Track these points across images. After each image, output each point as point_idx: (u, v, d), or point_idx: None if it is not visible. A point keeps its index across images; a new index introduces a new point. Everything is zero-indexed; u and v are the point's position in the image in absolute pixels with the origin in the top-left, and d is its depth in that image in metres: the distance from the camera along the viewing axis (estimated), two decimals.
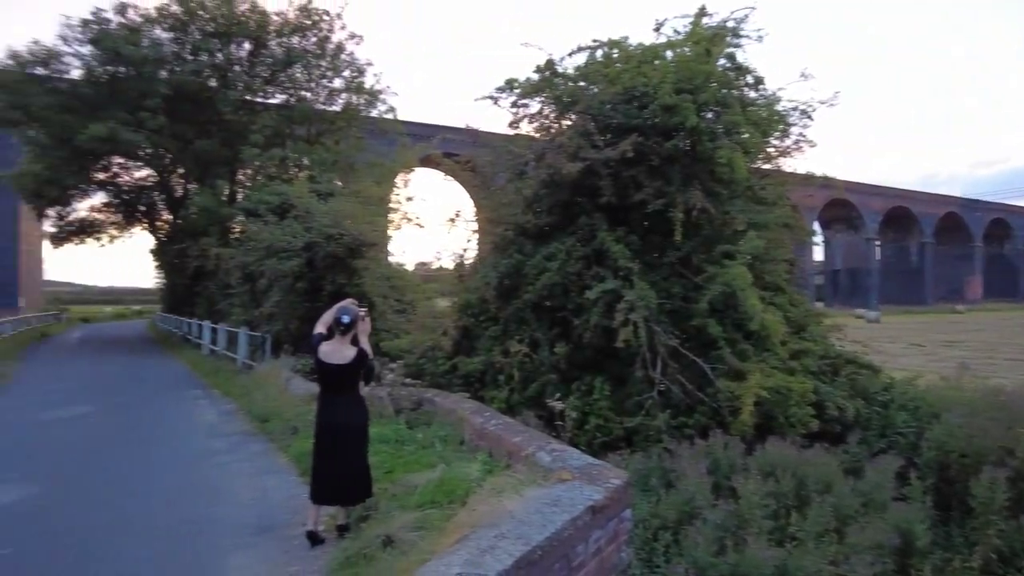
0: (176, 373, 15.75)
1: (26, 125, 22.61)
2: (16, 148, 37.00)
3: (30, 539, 4.68)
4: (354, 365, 4.55)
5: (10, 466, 6.79)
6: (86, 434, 8.57)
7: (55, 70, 22.63)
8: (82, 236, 27.79)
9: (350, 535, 4.43)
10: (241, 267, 14.36)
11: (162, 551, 4.49)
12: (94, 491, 5.95)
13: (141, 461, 7.10)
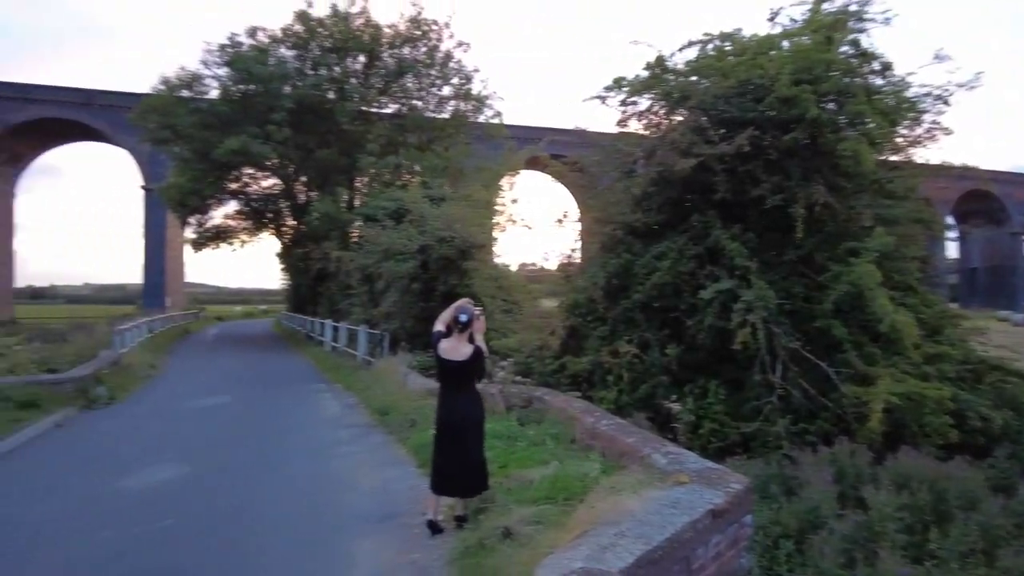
0: (301, 368, 16.90)
1: (174, 143, 25.06)
2: (164, 164, 41.11)
3: (187, 512, 5.21)
4: (471, 362, 4.72)
5: (167, 447, 7.58)
6: (227, 421, 9.40)
7: (197, 92, 24.96)
8: (218, 241, 30.28)
9: (468, 526, 4.60)
10: (361, 269, 15.18)
11: (296, 532, 4.86)
12: (237, 473, 6.53)
13: (275, 448, 7.69)
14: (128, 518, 5.06)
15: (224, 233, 29.67)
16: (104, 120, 43.65)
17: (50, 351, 14.09)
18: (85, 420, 9.40)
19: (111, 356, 13.66)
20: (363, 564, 4.23)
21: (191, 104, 24.73)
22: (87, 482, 6.16)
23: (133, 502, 5.50)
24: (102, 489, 5.88)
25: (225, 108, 24.36)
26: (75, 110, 43.96)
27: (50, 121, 44.37)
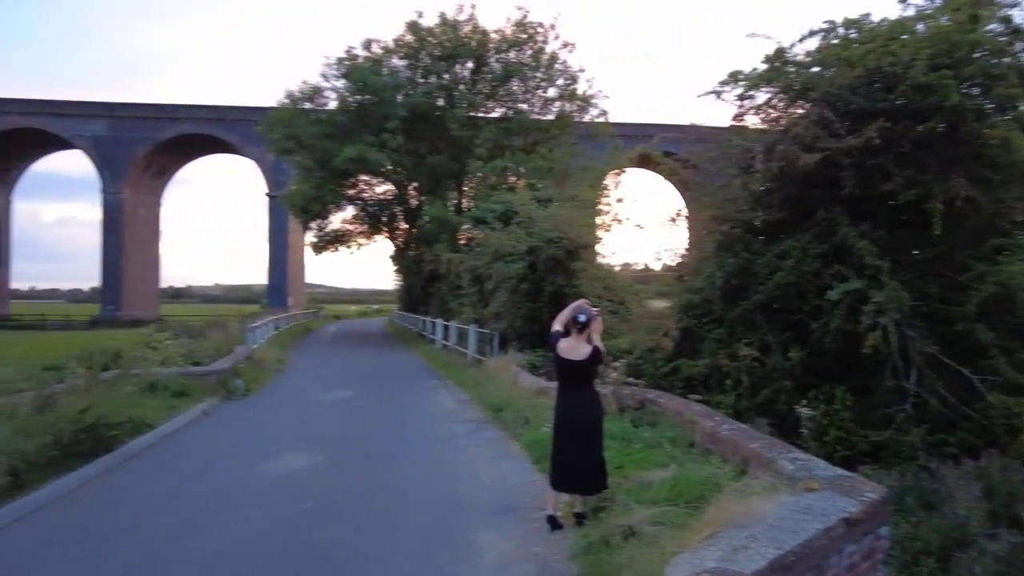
0: (415, 365, 17.62)
1: (296, 152, 26.86)
2: (287, 173, 44.05)
3: (323, 497, 5.61)
4: (590, 361, 4.79)
5: (300, 436, 8.18)
6: (351, 413, 10.01)
7: (318, 104, 26.66)
8: (336, 245, 32.09)
9: (588, 524, 4.67)
10: (471, 270, 15.64)
11: (424, 518, 5.12)
12: (365, 462, 6.95)
13: (398, 439, 8.11)
14: (272, 500, 5.53)
15: (342, 237, 31.40)
16: (235, 133, 47.39)
17: (193, 346, 15.50)
18: (226, 409, 10.30)
19: (245, 351, 14.85)
20: (488, 553, 4.39)
21: (312, 116, 26.41)
22: (234, 465, 6.78)
23: (275, 485, 5.99)
24: (247, 472, 6.45)
25: (343, 118, 25.81)
26: (210, 125, 48.03)
27: (190, 136, 48.76)
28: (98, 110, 47.54)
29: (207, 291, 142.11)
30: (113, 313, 46.43)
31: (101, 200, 47.45)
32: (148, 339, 15.19)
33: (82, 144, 47.35)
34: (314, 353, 21.57)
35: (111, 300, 47.75)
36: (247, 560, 4.23)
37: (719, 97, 8.86)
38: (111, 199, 47.29)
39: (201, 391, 10.57)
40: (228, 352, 14.40)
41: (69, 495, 5.60)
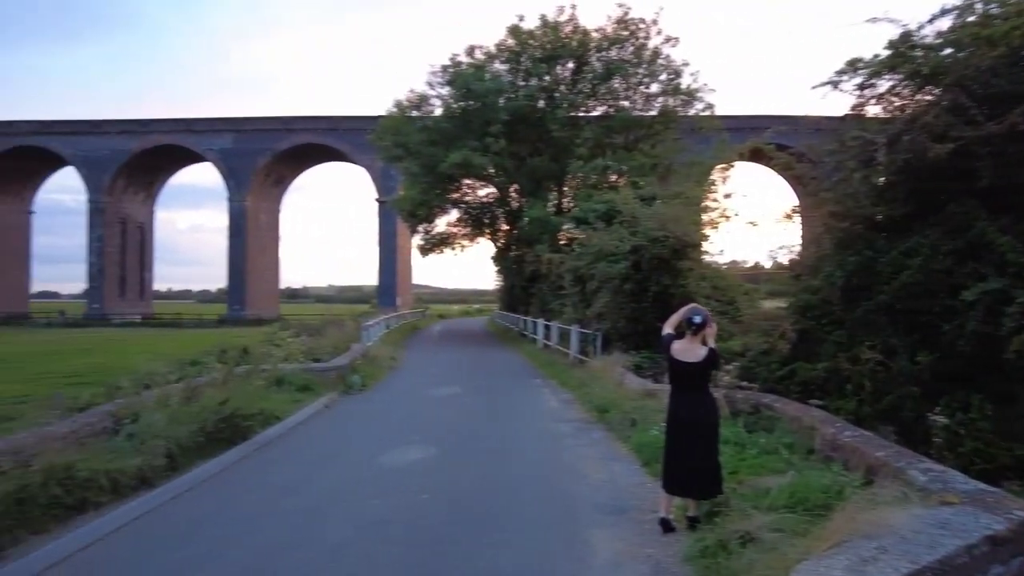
0: (517, 364, 17.90)
1: (405, 159, 27.97)
2: (395, 179, 45.86)
3: (438, 489, 5.86)
4: (705, 363, 4.73)
5: (414, 430, 8.56)
6: (461, 409, 10.34)
7: (425, 111, 27.63)
8: (442, 247, 33.10)
9: (701, 527, 4.61)
10: (573, 270, 15.68)
11: (536, 514, 5.24)
12: (475, 457, 7.18)
13: (504, 436, 8.31)
14: (391, 490, 5.84)
15: (447, 239, 32.34)
16: (347, 142, 49.94)
17: (313, 343, 16.53)
18: (345, 403, 10.95)
19: (361, 349, 15.67)
20: (600, 551, 4.44)
21: (419, 123, 27.40)
22: (355, 456, 7.23)
23: (394, 476, 6.32)
24: (368, 463, 6.85)
25: (447, 124, 26.59)
26: (324, 135, 50.90)
27: (305, 146, 51.91)
28: (225, 125, 51.64)
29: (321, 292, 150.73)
30: (238, 312, 50.23)
31: (228, 208, 51.46)
32: (271, 337, 16.36)
33: (212, 157, 51.62)
34: (422, 351, 22.37)
35: (236, 300, 51.67)
36: (373, 546, 4.51)
37: (836, 87, 8.40)
38: (236, 207, 51.20)
39: (322, 386, 11.27)
40: (345, 349, 15.24)
41: (214, 478, 6.19)
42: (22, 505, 4.47)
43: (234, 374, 9.01)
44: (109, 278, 53.40)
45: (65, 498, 4.80)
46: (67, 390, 10.69)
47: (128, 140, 52.33)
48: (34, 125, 53.63)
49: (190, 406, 7.01)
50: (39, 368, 18.94)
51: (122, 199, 54.74)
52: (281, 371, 10.77)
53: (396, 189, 43.84)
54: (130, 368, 14.45)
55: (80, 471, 5.02)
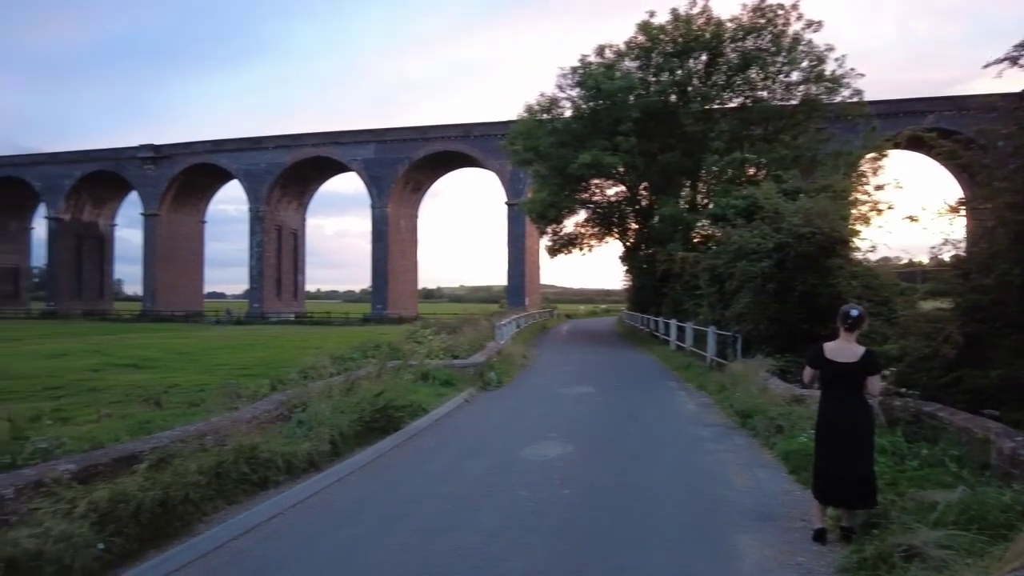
0: (649, 365, 17.64)
1: (535, 162, 28.42)
2: (523, 182, 46.72)
3: (580, 485, 5.98)
4: (862, 364, 4.47)
5: (551, 427, 8.74)
6: (595, 409, 10.41)
7: (555, 114, 27.91)
8: (570, 247, 33.26)
9: (857, 539, 4.37)
10: (710, 270, 15.18)
11: (678, 515, 5.20)
12: (612, 456, 7.21)
13: (641, 437, 8.27)
14: (535, 483, 6.02)
15: (575, 239, 32.45)
16: (478, 148, 51.60)
17: (451, 341, 17.28)
18: (484, 398, 11.38)
19: (495, 347, 16.17)
20: (747, 557, 4.34)
21: (549, 126, 27.72)
22: (499, 448, 7.50)
23: (536, 470, 6.51)
24: (511, 456, 7.10)
25: (577, 125, 26.71)
26: (457, 142, 52.90)
27: (440, 154, 54.23)
28: (368, 137, 55.17)
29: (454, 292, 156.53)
30: (381, 311, 53.41)
31: (371, 214, 54.89)
32: (413, 334, 17.30)
33: (356, 167, 55.35)
34: (553, 350, 22.64)
35: (379, 300, 54.97)
36: (521, 534, 4.70)
37: (1016, 63, 7.56)
38: (378, 213, 54.49)
39: (462, 381, 11.79)
40: (480, 347, 15.80)
41: (372, 463, 6.70)
42: (219, 478, 5.12)
43: (387, 368, 9.67)
44: (267, 280, 58.84)
45: (251, 475, 5.43)
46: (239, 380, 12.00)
47: (283, 154, 57.43)
48: (206, 145, 60.33)
49: (350, 397, 7.63)
50: (213, 361, 21.33)
51: (278, 208, 60.12)
52: (426, 366, 11.39)
53: (525, 192, 44.67)
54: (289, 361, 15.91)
55: (262, 452, 5.65)
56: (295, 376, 8.90)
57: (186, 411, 9.55)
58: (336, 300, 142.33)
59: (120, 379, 16.45)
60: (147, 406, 11.03)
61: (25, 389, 14.55)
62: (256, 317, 56.26)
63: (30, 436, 5.72)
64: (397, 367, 10.37)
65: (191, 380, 15.73)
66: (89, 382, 15.82)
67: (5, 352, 24.74)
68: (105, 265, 71.95)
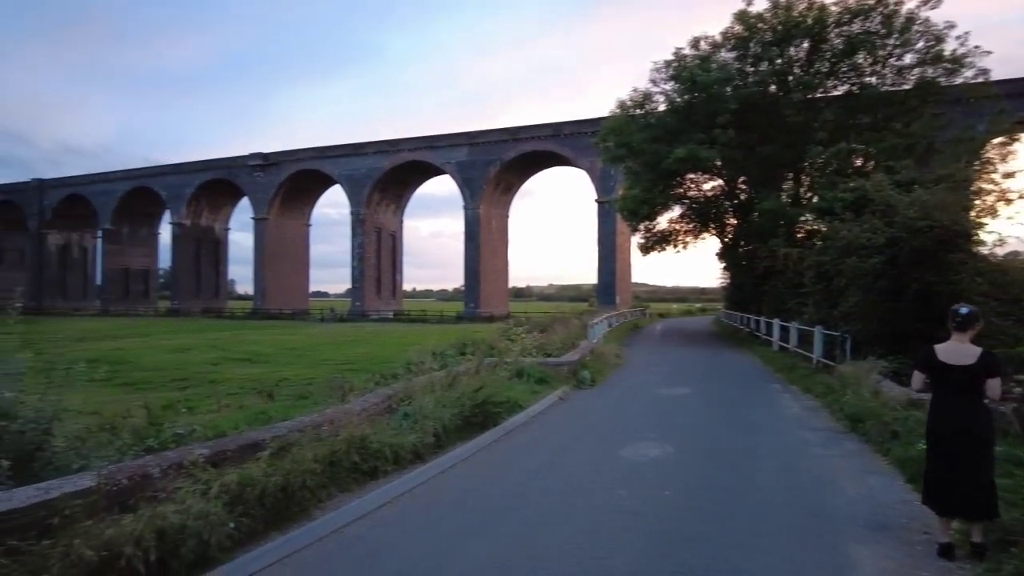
0: (750, 366, 17.02)
1: (627, 158, 28.04)
2: (614, 179, 46.24)
3: (681, 487, 5.89)
4: (980, 366, 4.17)
5: (647, 427, 8.66)
6: (693, 410, 10.19)
7: (648, 109, 27.39)
8: (663, 245, 32.55)
9: (991, 556, 4.08)
10: (815, 266, 14.46)
11: (786, 521, 5.03)
12: (714, 458, 7.05)
13: (742, 439, 8.02)
14: (633, 483, 6.01)
15: (669, 237, 31.75)
16: (568, 147, 51.54)
17: (543, 339, 17.40)
18: (578, 397, 11.40)
19: (588, 346, 16.14)
20: (863, 569, 4.15)
21: (641, 121, 27.28)
22: (595, 447, 7.53)
23: (634, 470, 6.48)
24: (608, 455, 7.10)
25: (671, 120, 26.13)
26: (547, 142, 53.05)
27: (530, 154, 54.56)
28: (461, 140, 56.36)
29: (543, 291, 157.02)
30: (473, 310, 54.46)
31: (463, 215, 56.04)
32: (506, 332, 17.54)
33: (449, 169, 56.68)
34: (646, 350, 22.31)
35: (471, 299, 56.05)
36: (621, 532, 4.72)
37: None
38: (471, 214, 55.55)
39: (556, 379, 11.87)
40: (572, 346, 15.83)
41: (473, 457, 6.91)
42: (333, 467, 5.45)
43: (484, 365, 9.91)
44: (367, 279, 61.35)
45: (362, 464, 5.74)
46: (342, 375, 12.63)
47: (381, 159, 59.69)
48: (310, 152, 63.63)
49: (451, 392, 7.89)
50: (319, 356, 22.50)
51: (377, 210, 62.53)
52: (520, 364, 11.56)
53: (616, 189, 44.20)
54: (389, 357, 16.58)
55: (372, 443, 5.96)
56: (400, 371, 9.29)
57: (295, 403, 10.21)
58: (431, 299, 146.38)
59: (236, 372, 17.71)
60: (261, 398, 11.87)
61: (156, 380, 15.98)
62: (357, 315, 58.77)
63: (164, 423, 6.33)
64: (493, 364, 10.59)
65: (300, 374, 16.71)
66: (209, 375, 17.14)
67: (139, 347, 27.21)
68: (220, 266, 77.44)
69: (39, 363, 5.09)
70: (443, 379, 8.20)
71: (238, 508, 4.32)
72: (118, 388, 14.17)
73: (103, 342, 29.61)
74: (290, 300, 66.16)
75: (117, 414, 6.51)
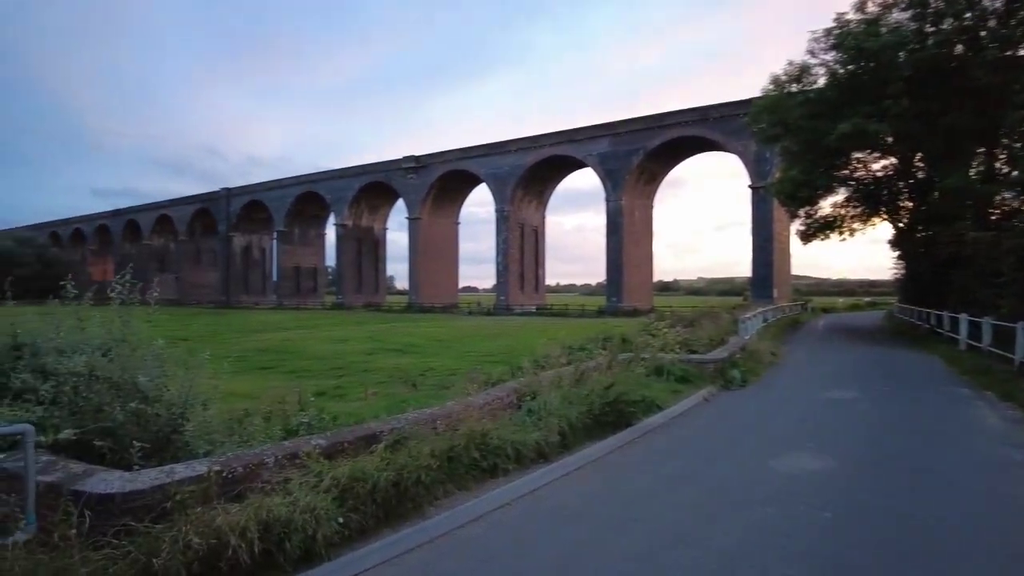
0: (930, 367, 14.82)
1: (783, 138, 25.78)
2: (769, 163, 43.10)
3: (845, 509, 5.01)
4: None
5: (805, 436, 7.64)
6: (860, 418, 8.89)
7: (806, 83, 24.97)
8: (826, 231, 29.60)
9: None
10: (1015, 251, 12.25)
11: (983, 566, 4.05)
12: (890, 476, 5.98)
13: (927, 456, 6.79)
14: (785, 500, 5.21)
15: (833, 222, 28.83)
16: (717, 131, 48.78)
17: (688, 335, 16.37)
18: (725, 398, 10.45)
19: (739, 342, 14.92)
20: None
21: (799, 97, 24.93)
22: (742, 456, 6.72)
23: (787, 485, 5.65)
24: (757, 466, 6.29)
25: (832, 93, 23.61)
26: (694, 127, 50.58)
27: (675, 141, 52.36)
28: (601, 132, 55.42)
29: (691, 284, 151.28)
30: (616, 304, 53.40)
31: (605, 208, 55.11)
32: (647, 327, 16.73)
33: (591, 162, 55.97)
34: (806, 348, 20.36)
35: (614, 293, 54.99)
36: (768, 559, 4.04)
37: None
38: (613, 206, 54.48)
39: (700, 378, 11.00)
40: (721, 342, 14.72)
41: (601, 459, 6.43)
42: (451, 463, 5.24)
43: (617, 360, 9.35)
44: (511, 275, 62.37)
45: (481, 461, 5.48)
46: (483, 366, 12.63)
47: (524, 155, 60.33)
48: (457, 153, 65.86)
49: (579, 388, 7.45)
50: (465, 348, 22.97)
51: (520, 207, 63.34)
52: (660, 360, 10.83)
53: (771, 173, 41.14)
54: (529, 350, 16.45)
55: (492, 439, 5.69)
56: (527, 365, 8.98)
57: (436, 393, 10.29)
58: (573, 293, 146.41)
59: (387, 362, 18.48)
60: (406, 388, 12.22)
61: (315, 369, 17.07)
62: (502, 309, 59.98)
63: (309, 409, 6.55)
64: (628, 360, 9.97)
65: (445, 365, 17.09)
66: (363, 364, 18.03)
67: (305, 338, 29.45)
68: (379, 263, 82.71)
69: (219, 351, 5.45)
70: (571, 374, 7.77)
71: (348, 502, 4.21)
72: (283, 375, 15.35)
73: (275, 333, 32.42)
74: (441, 295, 69.07)
75: (274, 400, 6.86)
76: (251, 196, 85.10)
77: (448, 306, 66.42)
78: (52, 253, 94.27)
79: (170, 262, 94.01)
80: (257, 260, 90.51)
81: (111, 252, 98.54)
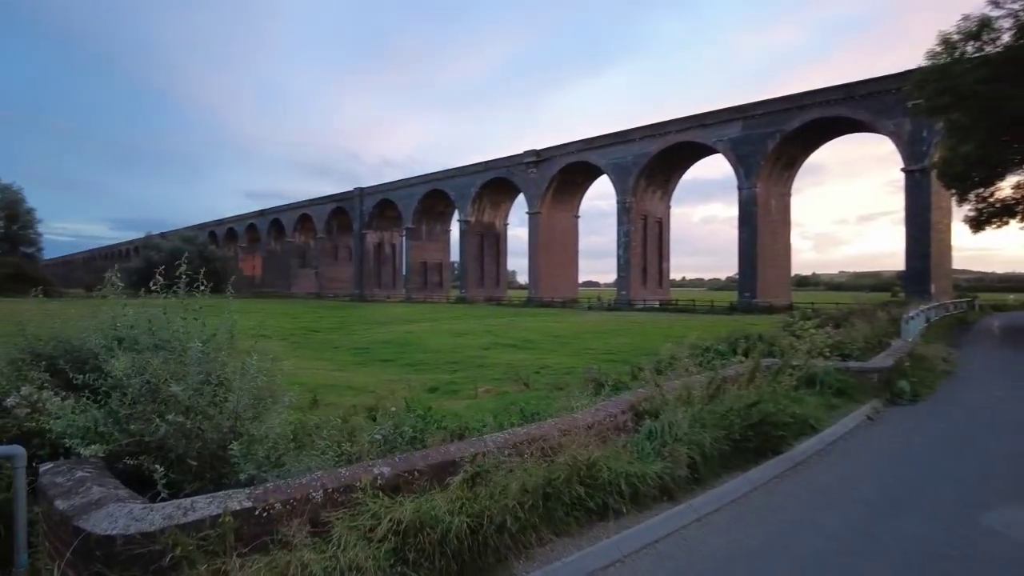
0: None
1: (952, 109, 22.14)
2: (927, 143, 38.16)
3: None
4: None
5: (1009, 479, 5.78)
6: None
7: (986, 39, 21.18)
8: (1004, 218, 25.35)
9: None
10: None
11: None
12: None
13: None
14: None
15: (1015, 206, 24.63)
16: (864, 109, 43.85)
17: (840, 336, 14.16)
18: (894, 416, 8.54)
19: (903, 346, 12.62)
20: None
21: (976, 58, 21.23)
22: (937, 504, 5.05)
23: (1014, 555, 4.03)
24: (961, 520, 4.65)
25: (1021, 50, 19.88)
26: (837, 107, 45.81)
27: (815, 122, 47.78)
28: (732, 115, 51.77)
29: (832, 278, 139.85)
30: (748, 300, 49.74)
31: (737, 197, 51.50)
32: (789, 326, 14.67)
33: (721, 148, 52.51)
34: (985, 352, 17.22)
35: (747, 288, 51.26)
36: None
37: None
38: (746, 194, 50.77)
39: (860, 391, 9.14)
40: (880, 345, 12.53)
41: (744, 499, 5.06)
42: (547, 500, 4.14)
43: (761, 369, 7.79)
44: (634, 268, 60.12)
45: (587, 500, 4.34)
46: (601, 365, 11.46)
47: (648, 144, 57.84)
48: (578, 144, 64.45)
49: (714, 405, 6.07)
50: (582, 345, 21.82)
51: (643, 198, 60.87)
52: (812, 368, 9.08)
53: (931, 153, 36.33)
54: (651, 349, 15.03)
55: (601, 471, 4.53)
56: (648, 372, 7.65)
57: (549, 394, 9.30)
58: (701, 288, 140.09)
59: (502, 358, 17.76)
60: (518, 386, 11.36)
61: (432, 362, 16.71)
62: (623, 304, 57.96)
63: (420, 410, 5.83)
64: (775, 368, 8.34)
65: (560, 363, 16.11)
66: (479, 359, 17.47)
67: (427, 331, 29.58)
68: (500, 258, 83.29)
69: (346, 342, 4.88)
70: (705, 386, 6.38)
71: (409, 555, 3.25)
72: (401, 368, 15.13)
73: (400, 326, 32.90)
74: (561, 289, 68.13)
75: (384, 396, 6.28)
76: (382, 195, 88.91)
77: (568, 300, 65.41)
78: (210, 251, 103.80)
79: (310, 258, 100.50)
80: (388, 256, 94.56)
81: (259, 249, 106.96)
